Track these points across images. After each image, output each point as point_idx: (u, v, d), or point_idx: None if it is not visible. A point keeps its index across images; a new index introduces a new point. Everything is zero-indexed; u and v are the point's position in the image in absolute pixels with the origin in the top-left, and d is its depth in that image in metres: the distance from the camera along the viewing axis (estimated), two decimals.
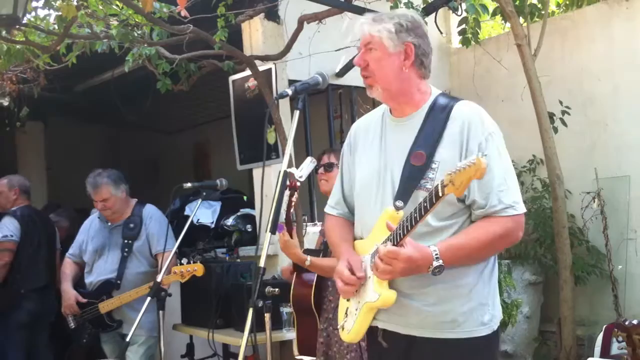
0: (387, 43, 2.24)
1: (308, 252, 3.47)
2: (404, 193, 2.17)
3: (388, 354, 2.29)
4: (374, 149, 2.37)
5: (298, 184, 3.06)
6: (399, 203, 2.15)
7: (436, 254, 2.06)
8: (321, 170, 3.51)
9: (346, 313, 2.31)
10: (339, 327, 2.36)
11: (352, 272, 2.23)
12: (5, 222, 5.34)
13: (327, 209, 2.59)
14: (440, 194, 1.91)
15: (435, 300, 2.18)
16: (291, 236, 3.29)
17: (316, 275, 3.49)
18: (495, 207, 2.13)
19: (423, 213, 1.98)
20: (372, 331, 2.30)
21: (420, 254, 2.05)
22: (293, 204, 3.14)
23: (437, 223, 2.17)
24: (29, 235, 5.38)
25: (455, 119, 2.20)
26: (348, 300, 2.31)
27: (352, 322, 2.26)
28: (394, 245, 2.05)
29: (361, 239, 2.36)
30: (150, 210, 4.71)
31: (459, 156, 2.14)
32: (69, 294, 4.57)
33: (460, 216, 2.20)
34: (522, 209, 2.17)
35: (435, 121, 2.23)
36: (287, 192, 3.02)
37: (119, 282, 4.49)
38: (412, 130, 2.26)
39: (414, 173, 2.18)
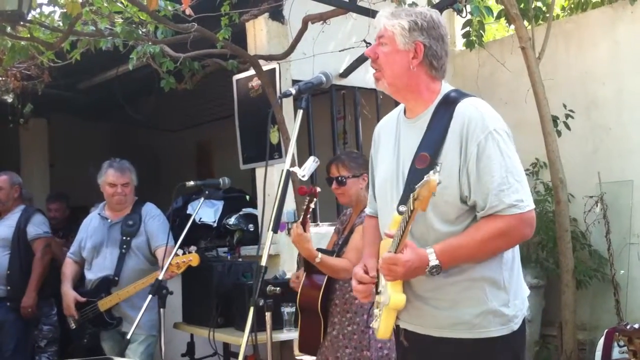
0: (398, 40, 2.23)
1: (320, 251, 3.47)
2: (407, 198, 2.13)
3: (410, 353, 2.34)
4: (389, 150, 2.38)
5: (318, 190, 3.07)
6: (402, 208, 2.13)
7: (432, 255, 2.09)
8: (334, 185, 3.52)
9: (376, 314, 2.39)
10: (371, 325, 2.45)
11: (367, 273, 2.34)
12: (39, 218, 5.42)
13: (366, 209, 2.68)
14: (412, 208, 1.94)
15: (449, 304, 2.19)
16: (305, 231, 3.31)
17: (326, 278, 3.48)
18: (496, 207, 2.09)
19: (405, 225, 2.01)
20: (396, 330, 2.36)
21: (417, 257, 2.08)
22: (310, 209, 3.16)
23: (445, 227, 2.17)
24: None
25: (457, 118, 2.17)
26: (378, 301, 2.39)
27: (378, 322, 2.33)
28: (395, 252, 2.10)
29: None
30: (149, 208, 4.72)
31: (458, 158, 2.12)
32: (68, 296, 4.58)
33: (467, 218, 2.17)
34: (527, 206, 2.10)
35: (440, 120, 2.20)
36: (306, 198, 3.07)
37: (116, 278, 4.49)
38: (420, 131, 2.25)
39: (417, 176, 2.11)
